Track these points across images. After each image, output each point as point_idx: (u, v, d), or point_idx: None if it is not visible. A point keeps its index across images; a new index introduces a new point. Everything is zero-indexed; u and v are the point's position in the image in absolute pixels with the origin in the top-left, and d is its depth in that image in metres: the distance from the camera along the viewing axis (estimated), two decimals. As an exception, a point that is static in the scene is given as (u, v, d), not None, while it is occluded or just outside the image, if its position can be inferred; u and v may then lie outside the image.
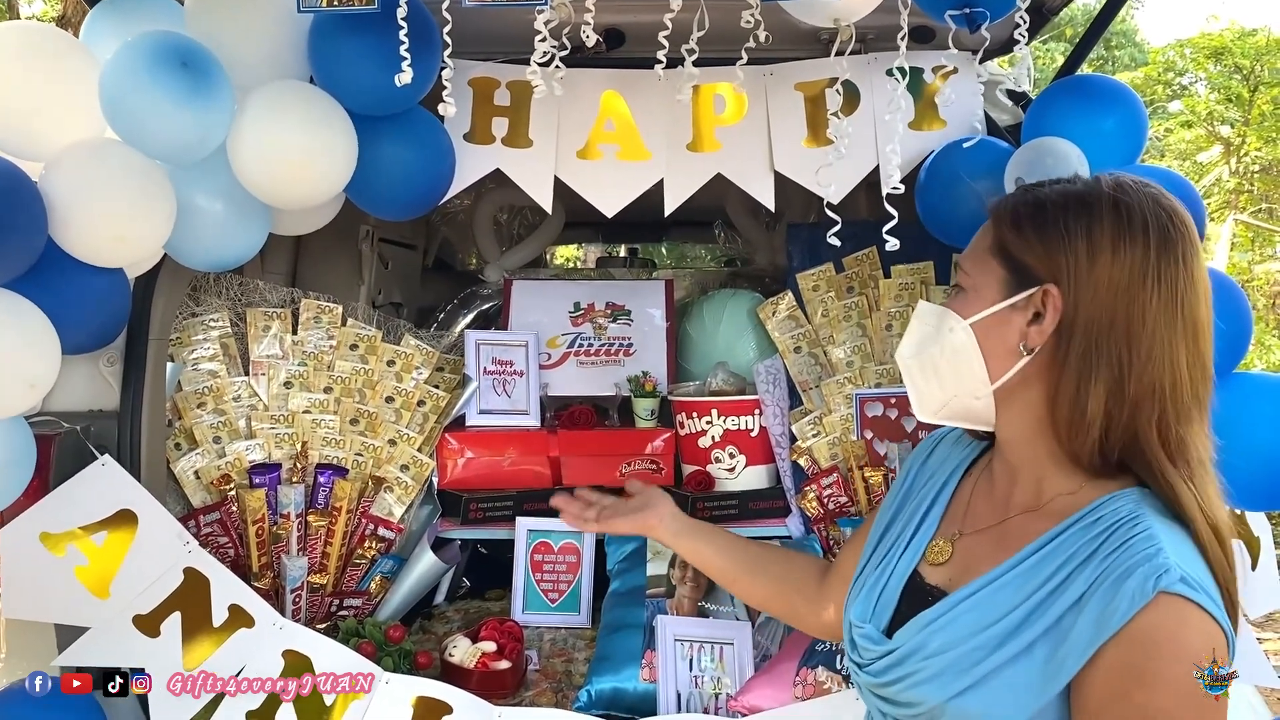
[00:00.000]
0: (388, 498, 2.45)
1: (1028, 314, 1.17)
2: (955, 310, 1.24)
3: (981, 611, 1.15)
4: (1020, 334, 1.18)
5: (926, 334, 1.29)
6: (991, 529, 1.25)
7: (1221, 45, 11.19)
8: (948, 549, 1.28)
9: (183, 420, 2.36)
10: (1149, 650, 1.01)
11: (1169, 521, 1.10)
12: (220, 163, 1.86)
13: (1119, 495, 1.13)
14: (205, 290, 2.44)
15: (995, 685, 1.10)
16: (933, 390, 1.27)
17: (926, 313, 1.31)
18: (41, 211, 1.67)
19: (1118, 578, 1.04)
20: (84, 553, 1.89)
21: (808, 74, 2.26)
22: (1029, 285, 1.17)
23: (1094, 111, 2.05)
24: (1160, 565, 1.02)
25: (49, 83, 1.72)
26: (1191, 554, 1.07)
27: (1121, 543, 1.07)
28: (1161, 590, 1.01)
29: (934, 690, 1.14)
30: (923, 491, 1.40)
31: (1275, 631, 6.16)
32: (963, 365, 1.22)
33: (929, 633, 1.18)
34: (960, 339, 1.22)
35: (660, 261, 7.83)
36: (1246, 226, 10.83)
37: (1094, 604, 1.05)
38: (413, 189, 2.07)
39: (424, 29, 1.82)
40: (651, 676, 2.12)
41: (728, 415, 2.51)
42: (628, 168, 2.26)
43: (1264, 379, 1.89)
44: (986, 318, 1.20)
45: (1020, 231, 1.19)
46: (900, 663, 1.20)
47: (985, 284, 1.22)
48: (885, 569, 1.33)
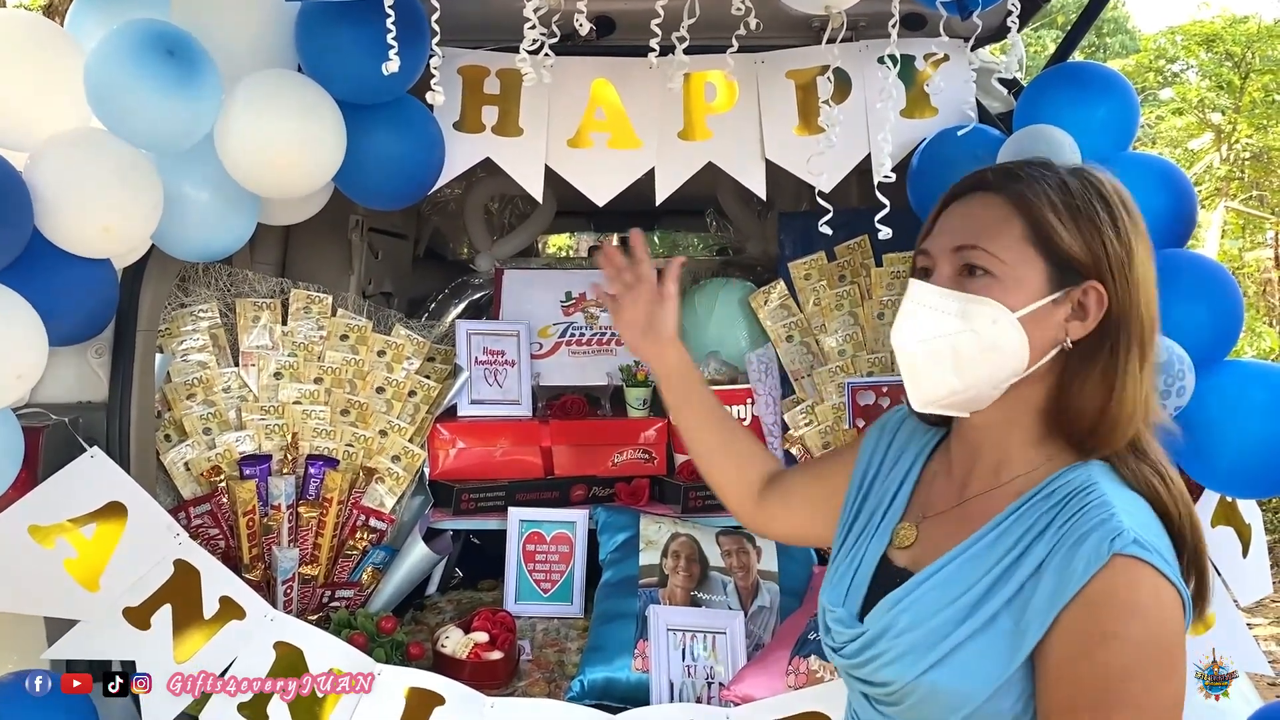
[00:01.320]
0: (379, 489, 2.44)
1: (1067, 308, 1.17)
2: (996, 299, 1.17)
3: (945, 588, 1.17)
4: (1060, 328, 1.17)
5: (937, 323, 1.20)
6: (952, 510, 1.27)
7: (1213, 32, 11.19)
8: (913, 532, 1.30)
9: (172, 411, 2.35)
10: (1106, 610, 1.04)
11: (1124, 489, 1.13)
12: (208, 152, 1.85)
13: (1074, 468, 1.16)
14: (194, 281, 2.43)
15: (962, 658, 1.12)
16: (942, 381, 1.21)
17: (932, 296, 1.21)
18: (27, 202, 1.65)
19: (1074, 543, 1.07)
20: (73, 545, 1.88)
21: (799, 62, 2.25)
22: (1073, 279, 1.16)
23: (1086, 99, 2.04)
24: (1114, 528, 1.05)
25: (33, 72, 1.70)
26: (1148, 518, 1.11)
27: (1077, 510, 1.10)
28: (1116, 552, 1.04)
29: (903, 668, 1.16)
30: (890, 476, 1.40)
31: (1266, 618, 6.20)
32: (1000, 358, 1.17)
33: (896, 612, 1.21)
34: (1007, 332, 1.16)
35: (653, 250, 7.82)
36: (1237, 214, 10.85)
37: (1052, 570, 1.08)
38: (402, 178, 2.06)
39: (412, 17, 1.81)
40: (644, 666, 2.12)
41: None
42: (619, 156, 2.25)
43: (1255, 366, 1.89)
44: (1033, 311, 1.16)
45: (1062, 220, 1.16)
46: (871, 644, 1.22)
47: (1027, 275, 1.17)
48: (856, 554, 1.34)
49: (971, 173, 1.28)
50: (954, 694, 1.12)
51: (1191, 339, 1.80)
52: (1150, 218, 1.92)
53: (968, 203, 1.25)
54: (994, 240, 1.18)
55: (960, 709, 1.11)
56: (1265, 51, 10.83)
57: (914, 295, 1.23)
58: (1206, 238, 10.11)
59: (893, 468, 1.40)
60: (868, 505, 1.40)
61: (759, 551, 2.35)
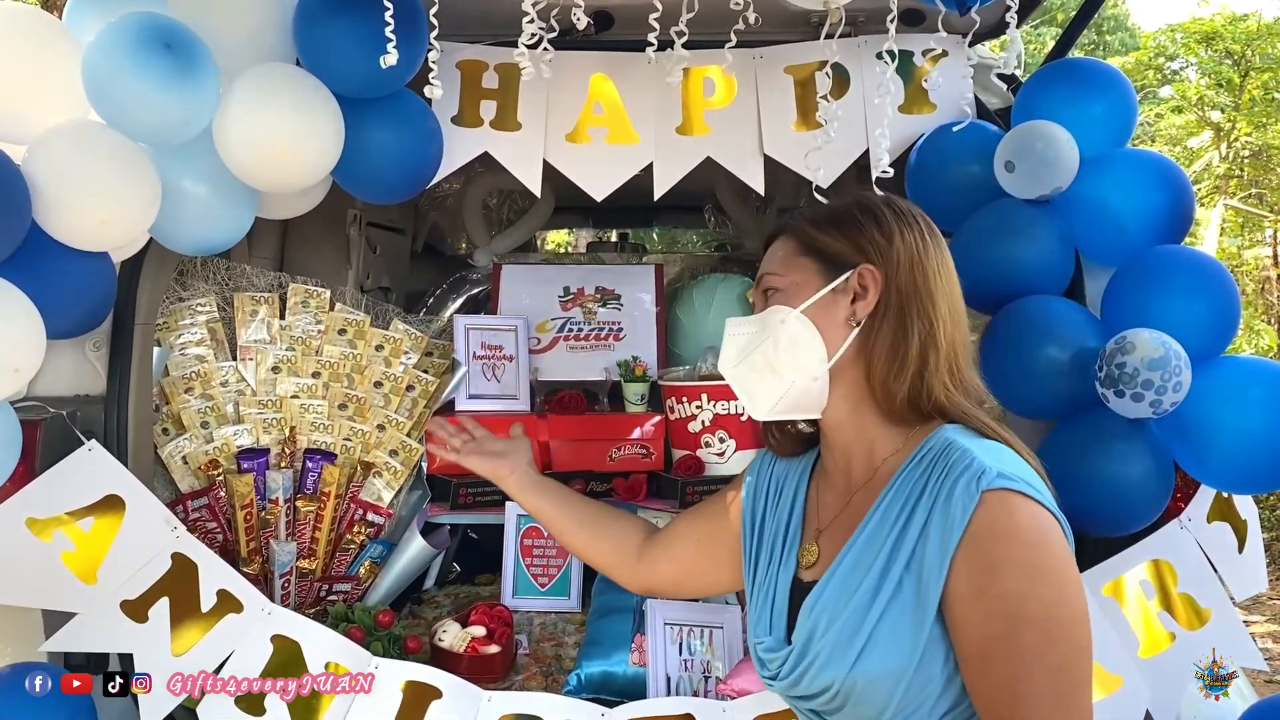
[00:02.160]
0: (376, 483, 2.44)
1: (849, 294, 1.32)
2: (781, 305, 1.35)
3: (849, 578, 1.24)
4: (848, 311, 1.32)
5: (747, 339, 1.39)
6: (841, 514, 1.35)
7: (1212, 30, 11.17)
8: (815, 549, 1.37)
9: (170, 405, 2.35)
10: (989, 543, 1.12)
11: (979, 439, 1.24)
12: (205, 146, 1.85)
13: (932, 435, 1.26)
14: (192, 275, 2.43)
15: (883, 636, 1.18)
16: (768, 386, 1.36)
17: (740, 323, 1.42)
18: (25, 195, 1.66)
19: (947, 494, 1.16)
20: (71, 538, 1.87)
21: (797, 57, 2.25)
22: (844, 269, 1.32)
23: (1084, 95, 2.04)
24: (978, 468, 1.15)
25: (31, 65, 1.71)
26: (1008, 455, 1.21)
27: (944, 467, 1.19)
28: (984, 489, 1.13)
29: (835, 666, 1.21)
30: (779, 509, 1.48)
31: (1263, 614, 6.20)
32: (801, 350, 1.32)
33: (814, 617, 1.26)
34: (795, 327, 1.32)
35: (651, 246, 7.81)
36: (1236, 212, 10.83)
37: (935, 524, 1.17)
38: (400, 172, 2.06)
39: (410, 10, 1.81)
40: (641, 660, 2.12)
41: (718, 400, 2.50)
42: (617, 151, 2.25)
43: (1251, 363, 1.89)
44: (815, 304, 1.32)
45: (822, 230, 1.36)
46: (802, 656, 1.27)
47: (802, 279, 1.35)
48: (768, 587, 1.41)
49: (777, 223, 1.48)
50: (888, 674, 1.17)
51: (1188, 335, 1.81)
52: (1147, 214, 1.96)
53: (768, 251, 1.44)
54: (776, 264, 1.39)
55: (897, 687, 1.16)
56: (1265, 49, 10.81)
57: (729, 331, 1.44)
58: (1205, 236, 10.10)
59: (778, 500, 1.49)
60: (765, 541, 1.47)
61: (756, 546, 2.35)
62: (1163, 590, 1.92)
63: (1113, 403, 1.79)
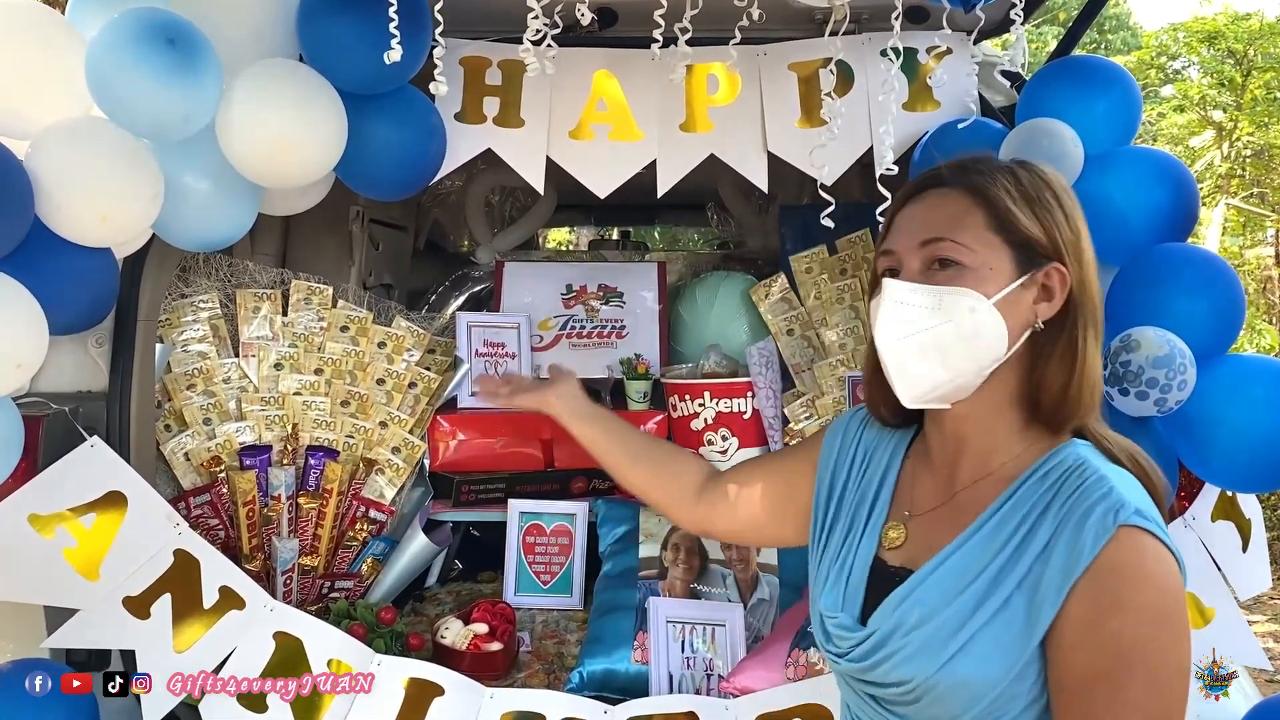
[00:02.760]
0: (379, 480, 2.44)
1: (1034, 290, 1.22)
2: (970, 288, 1.20)
3: (952, 579, 1.19)
4: (1029, 310, 1.22)
5: (917, 315, 1.22)
6: (942, 506, 1.28)
7: (1215, 29, 11.15)
8: (902, 532, 1.31)
9: (172, 402, 2.35)
10: (1116, 580, 1.07)
11: (1110, 464, 1.18)
12: (208, 141, 1.84)
13: (1062, 449, 1.20)
14: (194, 271, 2.42)
15: (982, 645, 1.13)
16: (930, 375, 1.23)
17: (906, 291, 1.23)
18: (28, 190, 1.65)
19: (1079, 519, 1.11)
20: (73, 534, 1.87)
21: (801, 54, 2.25)
22: (1036, 262, 1.21)
23: (1089, 93, 2.03)
24: (1116, 501, 1.09)
25: (34, 60, 1.70)
26: (1139, 489, 1.15)
27: (1076, 488, 1.13)
28: (1121, 524, 1.08)
29: (923, 664, 1.16)
30: (864, 479, 1.40)
31: (1264, 614, 6.20)
32: (981, 345, 1.21)
33: (904, 610, 1.21)
34: (986, 319, 1.20)
35: (653, 244, 7.81)
36: (1238, 211, 10.82)
37: (1060, 548, 1.11)
38: (403, 169, 2.06)
39: (414, 6, 1.81)
40: (643, 658, 2.12)
41: (720, 398, 2.50)
42: (620, 148, 2.24)
43: (1256, 361, 1.88)
44: (1005, 296, 1.20)
45: (1019, 209, 1.22)
46: (881, 644, 1.22)
47: (995, 262, 1.21)
48: (846, 559, 1.34)
49: (924, 172, 1.32)
50: (978, 682, 1.12)
51: (1193, 333, 1.80)
52: (1152, 212, 1.95)
53: (925, 200, 1.27)
54: (959, 231, 1.22)
55: (984, 697, 1.12)
56: (1267, 49, 10.80)
57: (890, 294, 1.24)
58: (1207, 235, 10.10)
59: (865, 470, 1.41)
60: (844, 509, 1.40)
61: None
62: (1167, 589, 1.92)
63: (1117, 400, 1.78)
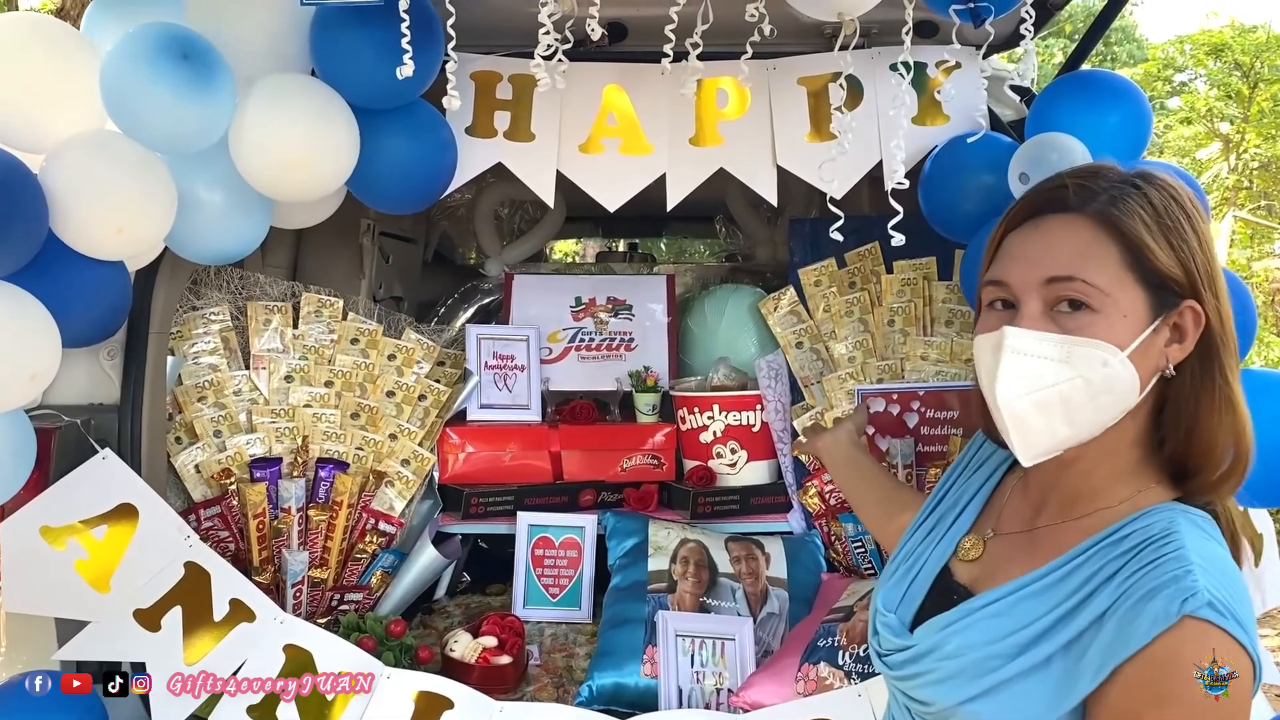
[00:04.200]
0: (389, 492, 2.44)
1: (1166, 333, 1.10)
2: (1100, 339, 1.08)
3: (1003, 619, 1.12)
4: (1160, 355, 1.10)
5: (1042, 369, 1.10)
6: (1022, 534, 1.21)
7: (1221, 42, 11.18)
8: (979, 547, 1.25)
9: (183, 414, 2.35)
10: (1168, 673, 0.96)
11: (1208, 539, 1.04)
12: (221, 155, 1.85)
13: (1154, 510, 1.08)
14: (206, 284, 2.43)
15: (1007, 695, 1.07)
16: (1053, 433, 1.12)
17: (1031, 340, 1.10)
18: (42, 204, 1.66)
19: (1142, 597, 0.99)
20: (84, 547, 1.88)
21: (811, 68, 2.25)
22: (1170, 302, 1.09)
23: (1098, 107, 2.03)
24: (1188, 588, 0.96)
25: (50, 75, 1.71)
26: (1229, 577, 1.01)
27: (1150, 561, 1.02)
28: (1187, 614, 0.95)
29: (947, 692, 1.13)
30: (966, 484, 1.37)
31: (1274, 628, 6.17)
32: (1113, 400, 1.09)
33: (947, 634, 1.16)
34: (1120, 373, 1.08)
35: (661, 256, 7.81)
36: (1246, 223, 10.83)
37: (1114, 622, 1.01)
38: (414, 182, 2.06)
39: (426, 22, 1.81)
40: (653, 672, 2.11)
41: (729, 410, 2.50)
42: (630, 162, 2.25)
43: (1266, 375, 1.88)
44: (1140, 344, 1.09)
45: (1156, 243, 1.08)
46: (917, 660, 1.19)
47: (1129, 306, 1.08)
48: (918, 559, 1.31)
49: (1041, 189, 1.18)
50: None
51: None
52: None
53: (1047, 226, 1.14)
54: (1091, 270, 1.08)
55: None
56: (1274, 61, 10.82)
57: (1012, 344, 1.11)
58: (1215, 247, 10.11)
59: (971, 475, 1.38)
60: (941, 508, 1.37)
61: (768, 558, 2.34)
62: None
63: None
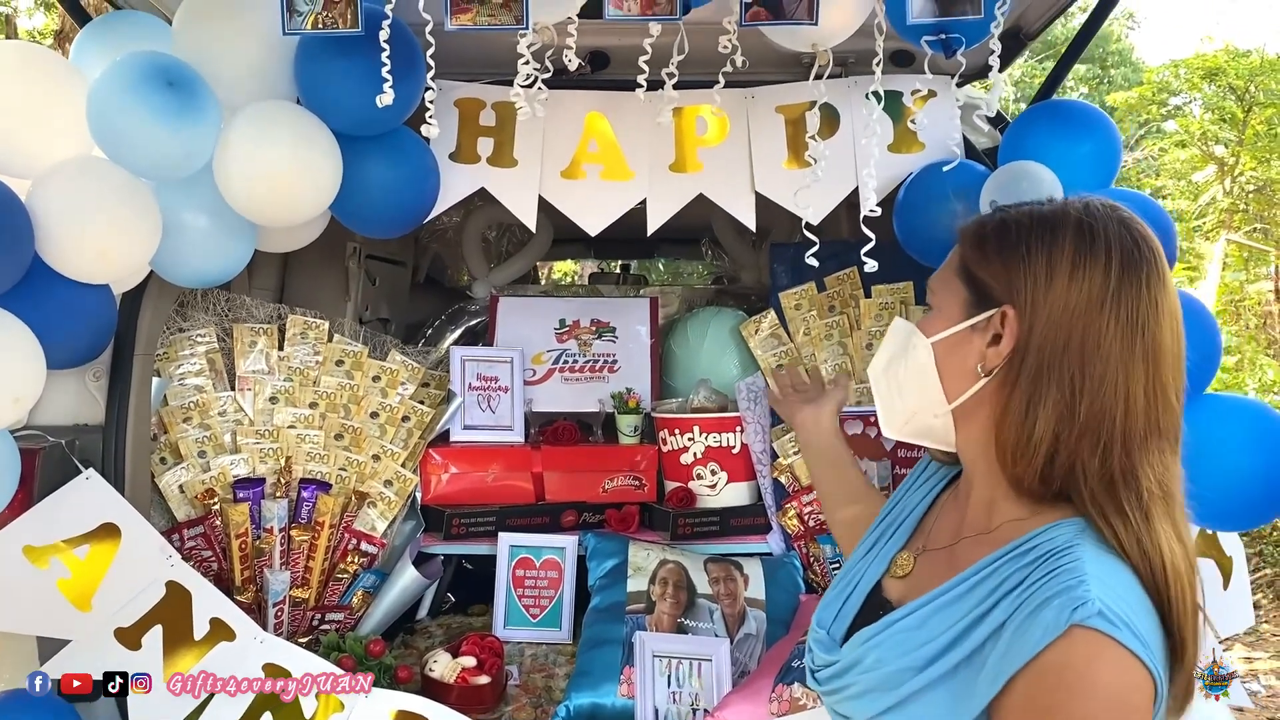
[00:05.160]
0: (371, 513, 2.47)
1: (988, 335, 1.17)
2: (921, 328, 1.26)
3: (916, 632, 1.15)
4: (979, 355, 1.18)
5: (895, 350, 1.31)
6: (946, 549, 1.25)
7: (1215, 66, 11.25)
8: (910, 563, 1.29)
9: (168, 435, 2.38)
10: (1058, 684, 0.98)
11: (1111, 555, 1.06)
12: (206, 180, 1.89)
13: (1060, 524, 1.11)
14: (192, 306, 2.46)
15: (914, 707, 1.10)
16: (895, 405, 1.31)
17: (898, 329, 1.32)
18: (28, 228, 1.70)
19: (1036, 607, 1.01)
20: (67, 565, 1.90)
21: (788, 97, 2.29)
22: (989, 306, 1.17)
23: (1069, 135, 2.08)
24: (1079, 597, 0.98)
25: (37, 102, 1.75)
26: (1126, 590, 1.03)
27: (1047, 573, 1.04)
28: (1075, 623, 0.97)
29: (862, 706, 1.16)
30: (907, 500, 1.41)
31: (1266, 651, 6.17)
32: (924, 383, 1.24)
33: (867, 648, 1.19)
34: (922, 357, 1.24)
35: (658, 277, 7.86)
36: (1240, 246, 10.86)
37: (1009, 632, 1.03)
38: (396, 207, 2.10)
39: (408, 52, 1.85)
40: (630, 692, 2.13)
41: (709, 432, 2.53)
42: (611, 187, 2.29)
43: (1232, 400, 1.91)
44: (948, 337, 1.22)
45: (983, 252, 1.20)
46: (841, 674, 1.22)
47: (949, 304, 1.23)
48: (855, 577, 1.35)
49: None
50: None
51: (1170, 373, 1.83)
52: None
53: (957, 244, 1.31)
54: (937, 276, 1.28)
55: None
56: (1267, 85, 10.88)
57: (892, 327, 1.34)
58: (1208, 270, 10.13)
59: (915, 492, 1.42)
60: (881, 525, 1.41)
61: (746, 579, 2.37)
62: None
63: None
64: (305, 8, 1.69)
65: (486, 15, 1.67)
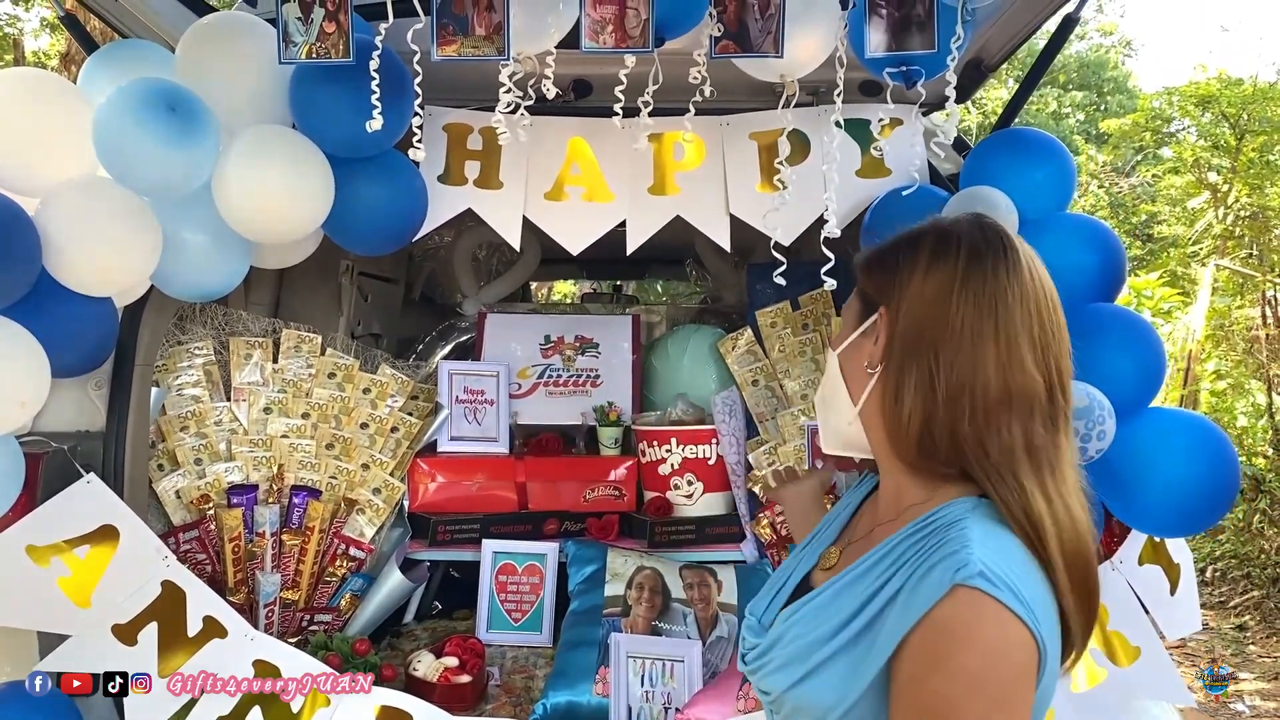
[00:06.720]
0: (359, 519, 2.56)
1: (873, 338, 1.29)
2: (832, 346, 1.39)
3: (827, 607, 1.24)
4: (868, 356, 1.29)
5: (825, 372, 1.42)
6: (864, 538, 1.35)
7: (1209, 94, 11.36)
8: (836, 556, 1.39)
9: (166, 442, 2.48)
10: (943, 638, 1.06)
11: (1000, 526, 1.15)
12: (205, 200, 1.99)
13: (955, 502, 1.20)
14: (191, 319, 2.57)
15: (823, 675, 1.18)
16: (830, 421, 1.39)
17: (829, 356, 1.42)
18: (36, 243, 1.79)
19: (924, 571, 1.11)
20: (67, 565, 1.98)
21: (762, 124, 2.40)
22: (872, 312, 1.30)
23: (1026, 162, 2.18)
24: (961, 560, 1.07)
25: (45, 125, 1.85)
26: (1008, 554, 1.11)
27: (937, 542, 1.13)
28: (957, 583, 1.06)
29: (779, 679, 1.25)
30: (838, 508, 1.53)
31: (1252, 672, 6.22)
32: (837, 393, 1.35)
33: (789, 624, 1.28)
34: (833, 368, 1.36)
35: (654, 297, 7.95)
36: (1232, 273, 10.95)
37: (902, 598, 1.12)
38: (386, 226, 2.20)
39: (398, 79, 1.95)
40: (604, 691, 2.22)
41: (686, 444, 2.63)
42: (592, 209, 2.39)
43: (1175, 414, 2.01)
44: (846, 347, 1.34)
45: (867, 269, 1.34)
46: (765, 652, 1.31)
47: (848, 319, 1.36)
48: (787, 572, 1.46)
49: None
50: (815, 706, 1.19)
51: (1116, 387, 1.93)
52: (1080, 274, 2.08)
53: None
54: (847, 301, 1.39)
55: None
56: (1260, 113, 11.00)
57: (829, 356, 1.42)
58: (1200, 295, 10.22)
59: (847, 498, 1.53)
60: (819, 528, 1.51)
61: (720, 585, 2.46)
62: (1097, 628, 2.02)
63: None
64: (300, 38, 1.79)
65: (470, 46, 1.78)
